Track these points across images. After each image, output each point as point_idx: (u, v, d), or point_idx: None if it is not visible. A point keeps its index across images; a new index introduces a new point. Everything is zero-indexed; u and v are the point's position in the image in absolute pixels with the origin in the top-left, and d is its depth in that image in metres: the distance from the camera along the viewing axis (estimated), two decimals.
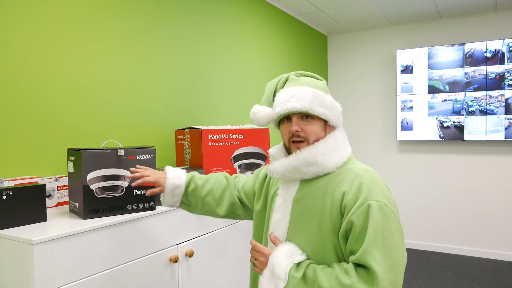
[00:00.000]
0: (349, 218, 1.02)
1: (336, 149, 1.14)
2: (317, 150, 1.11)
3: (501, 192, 4.02)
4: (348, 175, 1.10)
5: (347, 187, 1.06)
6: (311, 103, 1.12)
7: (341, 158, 1.14)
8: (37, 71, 1.74)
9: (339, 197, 1.06)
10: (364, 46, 4.65)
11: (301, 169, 1.11)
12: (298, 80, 1.18)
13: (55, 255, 1.24)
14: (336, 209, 1.06)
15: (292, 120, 1.14)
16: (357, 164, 1.14)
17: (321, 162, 1.10)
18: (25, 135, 1.69)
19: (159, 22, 2.37)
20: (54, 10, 1.81)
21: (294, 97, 1.12)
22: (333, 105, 1.17)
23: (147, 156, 1.62)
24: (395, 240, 1.02)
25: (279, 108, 1.15)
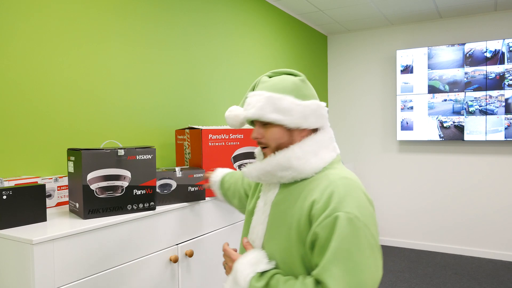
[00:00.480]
0: (314, 229, 0.96)
1: (315, 153, 1.07)
2: (292, 154, 1.05)
3: (501, 192, 4.02)
4: (322, 181, 1.03)
5: (318, 195, 1.00)
6: (262, 110, 1.08)
7: (320, 163, 1.07)
8: (37, 71, 1.74)
9: (308, 206, 1.00)
10: (364, 46, 4.65)
11: (276, 173, 1.07)
12: (265, 82, 1.14)
13: (55, 255, 1.24)
14: (304, 217, 1.00)
15: (256, 126, 1.14)
16: (337, 170, 1.06)
17: (296, 167, 1.05)
18: (25, 135, 1.69)
19: (159, 22, 2.37)
20: (54, 11, 1.81)
21: (249, 104, 1.12)
22: (290, 109, 1.07)
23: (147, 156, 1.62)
24: (364, 258, 0.91)
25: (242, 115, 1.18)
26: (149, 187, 1.60)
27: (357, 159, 4.73)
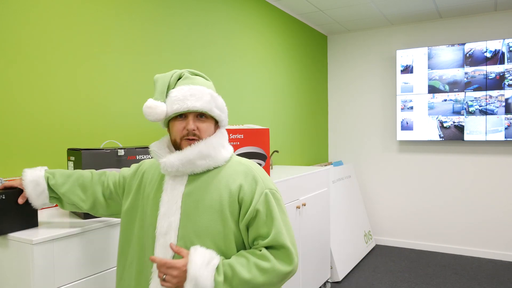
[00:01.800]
0: (254, 207, 1.12)
1: (223, 145, 1.21)
2: (210, 143, 1.15)
3: (501, 192, 4.02)
4: (238, 167, 1.19)
5: (242, 179, 1.16)
6: (210, 104, 1.17)
7: (228, 153, 1.21)
8: (37, 72, 1.74)
9: (236, 189, 1.14)
10: (364, 46, 4.65)
11: (195, 161, 1.13)
12: (192, 79, 1.21)
13: (55, 255, 1.24)
14: (233, 199, 1.13)
15: (189, 118, 1.16)
16: (241, 158, 1.24)
17: (213, 156, 1.15)
18: (25, 135, 1.69)
19: (159, 22, 2.37)
20: (55, 11, 1.81)
21: (193, 96, 1.15)
22: (224, 107, 1.23)
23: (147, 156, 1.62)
24: (288, 218, 1.19)
25: (178, 105, 1.15)
26: None
27: (357, 159, 4.73)
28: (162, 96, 1.18)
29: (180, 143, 1.17)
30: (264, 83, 3.48)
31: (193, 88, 1.16)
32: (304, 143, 4.22)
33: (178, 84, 1.19)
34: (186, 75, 1.22)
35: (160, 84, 1.20)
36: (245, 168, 1.18)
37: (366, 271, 3.73)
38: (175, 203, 1.14)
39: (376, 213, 4.63)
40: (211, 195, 1.14)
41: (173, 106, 1.15)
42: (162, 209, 1.15)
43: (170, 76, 1.21)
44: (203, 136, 1.16)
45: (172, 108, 1.15)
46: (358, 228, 4.16)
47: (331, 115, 4.88)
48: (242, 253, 1.11)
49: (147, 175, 1.27)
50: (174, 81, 1.21)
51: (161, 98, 1.18)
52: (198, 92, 1.16)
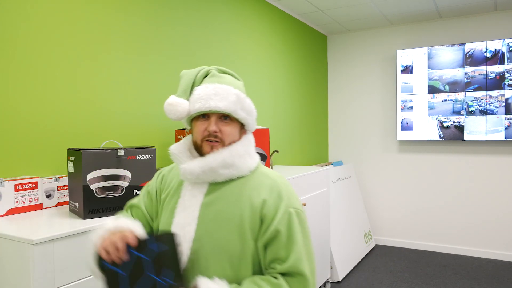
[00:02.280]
0: (275, 226, 1.02)
1: (249, 153, 1.11)
2: (236, 151, 1.06)
3: (501, 192, 4.02)
4: (264, 180, 1.09)
5: (267, 194, 1.06)
6: (235, 105, 1.07)
7: (253, 162, 1.11)
8: (37, 72, 1.74)
9: (259, 204, 1.04)
10: (364, 46, 4.65)
11: (218, 170, 1.05)
12: (220, 77, 1.11)
13: (55, 255, 1.24)
14: (255, 215, 1.04)
15: (211, 119, 1.07)
16: (268, 169, 1.14)
17: (238, 165, 1.07)
18: (25, 135, 1.69)
19: (159, 22, 2.37)
20: (55, 11, 1.81)
21: (217, 95, 1.06)
22: (252, 110, 1.14)
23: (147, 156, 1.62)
24: (311, 243, 1.09)
25: (200, 104, 1.06)
26: None
27: (357, 159, 4.73)
28: (185, 93, 1.10)
29: (201, 144, 1.09)
30: (264, 83, 3.48)
31: (218, 87, 1.07)
32: (304, 143, 4.22)
33: (204, 82, 1.10)
34: (213, 72, 1.12)
35: (184, 81, 1.12)
36: (271, 182, 1.08)
37: (366, 271, 3.73)
38: (192, 212, 1.06)
39: (376, 213, 4.63)
40: (232, 208, 1.05)
41: (195, 104, 1.07)
42: (178, 217, 1.07)
43: (197, 73, 1.12)
44: (225, 140, 1.07)
45: (194, 107, 1.07)
46: (358, 228, 4.16)
47: (331, 115, 4.88)
48: (255, 280, 1.00)
49: (166, 179, 1.20)
50: (200, 79, 1.12)
51: (184, 95, 1.10)
52: (223, 92, 1.06)
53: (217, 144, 1.07)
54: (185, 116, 1.09)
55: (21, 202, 1.56)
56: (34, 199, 1.61)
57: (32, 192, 1.60)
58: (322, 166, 3.73)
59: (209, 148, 1.07)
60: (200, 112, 1.07)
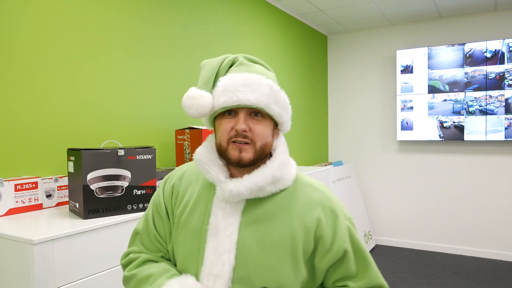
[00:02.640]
0: (341, 246, 0.90)
1: (289, 160, 0.95)
2: (283, 163, 0.91)
3: (501, 192, 4.02)
4: (311, 192, 0.94)
5: (320, 211, 0.91)
6: (268, 99, 0.88)
7: (294, 170, 0.95)
8: (37, 72, 1.74)
9: (313, 223, 0.90)
10: (364, 46, 4.65)
11: (265, 188, 0.89)
12: (249, 65, 0.92)
13: (55, 255, 1.24)
14: (309, 237, 0.89)
15: (239, 115, 0.88)
16: (307, 177, 1.00)
17: (284, 177, 0.91)
18: (25, 135, 1.69)
19: (159, 22, 2.37)
20: (55, 11, 1.81)
21: (247, 87, 0.87)
22: (287, 106, 0.95)
23: (147, 156, 1.62)
24: None
25: (226, 97, 0.87)
26: (149, 187, 1.60)
27: (357, 159, 4.73)
28: (207, 85, 0.91)
29: (226, 147, 0.89)
30: None
31: (248, 76, 0.88)
32: (304, 143, 4.22)
33: (230, 72, 0.92)
34: (240, 60, 0.94)
35: (206, 71, 0.93)
36: (320, 196, 0.94)
37: None
38: (230, 235, 0.88)
39: (376, 213, 4.63)
40: (281, 229, 0.88)
41: (220, 98, 0.88)
42: (211, 242, 0.88)
43: (221, 61, 0.93)
44: (257, 141, 0.88)
45: (219, 101, 0.88)
46: (358, 228, 4.17)
47: (331, 115, 4.88)
48: None
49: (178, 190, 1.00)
50: (226, 68, 0.93)
51: (206, 87, 0.91)
52: (253, 82, 0.87)
53: (247, 147, 0.88)
54: (209, 112, 0.90)
55: (21, 202, 1.56)
56: (34, 199, 1.61)
57: (32, 192, 1.60)
58: (322, 166, 3.73)
59: (236, 152, 0.88)
60: (227, 107, 0.88)
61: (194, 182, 0.99)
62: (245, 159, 0.88)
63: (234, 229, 0.88)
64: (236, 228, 0.88)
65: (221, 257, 0.87)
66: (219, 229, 0.88)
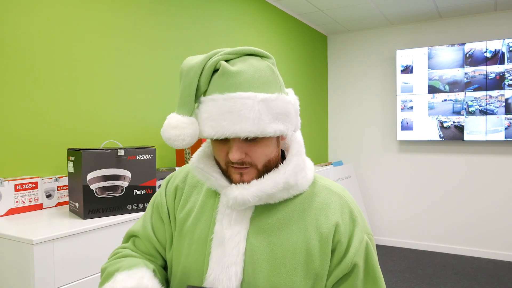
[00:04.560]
0: (352, 259, 0.79)
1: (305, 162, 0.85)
2: (298, 167, 0.81)
3: (501, 192, 4.02)
4: (330, 196, 0.83)
5: (338, 216, 0.80)
6: (260, 124, 0.74)
7: (311, 173, 0.85)
8: (37, 71, 1.74)
9: (330, 229, 0.79)
10: (364, 46, 4.65)
11: (276, 195, 0.79)
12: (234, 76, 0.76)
13: (55, 255, 1.24)
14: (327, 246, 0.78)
15: (232, 143, 0.77)
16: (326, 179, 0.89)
17: (300, 182, 0.81)
18: (25, 135, 1.69)
19: (159, 22, 2.37)
20: (55, 10, 1.81)
21: (233, 114, 0.73)
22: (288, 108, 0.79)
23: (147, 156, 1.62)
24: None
25: (210, 128, 0.76)
26: (149, 187, 1.60)
27: (357, 159, 4.73)
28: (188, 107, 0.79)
29: (226, 169, 0.81)
30: None
31: (233, 98, 0.74)
32: (304, 143, 4.21)
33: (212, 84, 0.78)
34: (223, 68, 0.76)
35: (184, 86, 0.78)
36: (339, 200, 0.83)
37: None
38: (236, 245, 0.78)
39: (376, 213, 4.63)
40: (294, 239, 0.78)
41: (204, 128, 0.77)
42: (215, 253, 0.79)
43: (200, 70, 0.77)
44: (258, 163, 0.79)
45: (203, 131, 0.77)
46: None
47: (331, 115, 4.88)
48: None
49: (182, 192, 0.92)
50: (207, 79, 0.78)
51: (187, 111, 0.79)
52: (240, 106, 0.73)
53: (247, 170, 0.79)
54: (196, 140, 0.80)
55: (21, 202, 1.56)
56: (34, 199, 1.61)
57: (32, 192, 1.60)
58: (322, 166, 3.73)
59: (237, 176, 0.79)
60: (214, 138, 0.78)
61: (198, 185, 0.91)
62: (248, 182, 0.80)
63: (241, 238, 0.79)
64: (244, 238, 0.79)
65: (227, 270, 0.78)
66: (225, 238, 0.79)
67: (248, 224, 0.80)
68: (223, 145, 0.79)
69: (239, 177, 0.79)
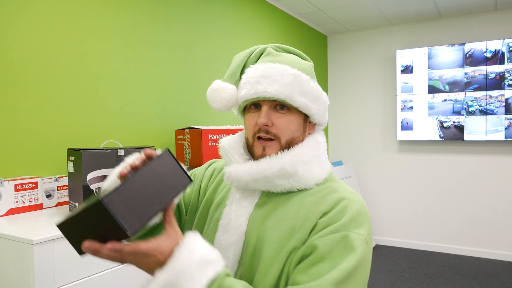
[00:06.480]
0: (313, 241, 0.74)
1: (318, 159, 0.85)
2: (300, 157, 0.82)
3: (501, 192, 4.02)
4: (331, 193, 0.81)
5: (329, 206, 0.78)
6: (291, 89, 0.82)
7: (323, 172, 0.85)
8: (37, 71, 1.74)
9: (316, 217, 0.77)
10: (364, 46, 4.65)
11: (274, 180, 0.81)
12: (277, 55, 0.88)
13: (55, 255, 1.24)
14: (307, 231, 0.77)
15: (262, 109, 0.84)
16: (342, 184, 0.87)
17: (301, 174, 0.81)
18: (25, 135, 1.69)
19: (159, 22, 2.37)
20: (54, 10, 1.81)
21: (268, 78, 0.82)
22: (319, 96, 0.87)
23: None
24: None
25: (246, 90, 0.84)
26: None
27: (357, 159, 4.73)
28: (232, 77, 0.89)
29: (252, 144, 0.86)
30: None
31: (271, 67, 0.83)
32: None
33: (258, 62, 0.89)
34: (268, 50, 0.90)
35: (234, 63, 0.91)
36: (340, 197, 0.80)
37: None
38: (239, 227, 0.83)
39: (376, 213, 4.63)
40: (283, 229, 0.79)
41: (241, 91, 0.86)
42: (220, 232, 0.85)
43: (250, 53, 0.91)
44: (281, 136, 0.83)
45: (240, 94, 0.86)
46: None
47: (331, 115, 4.88)
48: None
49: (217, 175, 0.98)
50: (254, 59, 0.90)
51: (231, 79, 0.89)
52: (275, 73, 0.82)
53: (270, 144, 0.83)
54: (232, 105, 0.88)
55: (21, 202, 1.56)
56: (34, 199, 1.61)
57: (32, 192, 1.60)
58: None
59: (260, 149, 0.84)
60: (247, 100, 0.85)
61: None
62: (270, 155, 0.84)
63: (243, 221, 0.83)
64: (246, 220, 0.83)
65: (227, 248, 0.83)
66: (231, 220, 0.85)
67: (252, 209, 0.84)
68: (254, 114, 0.85)
69: (261, 151, 0.84)
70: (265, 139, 0.84)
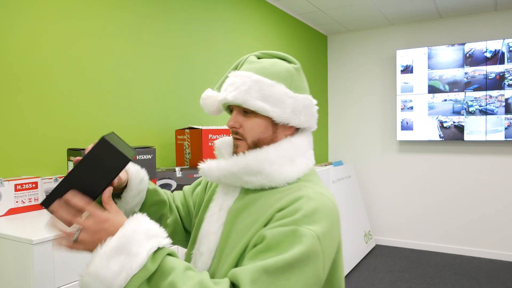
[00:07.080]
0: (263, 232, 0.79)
1: (292, 159, 0.90)
2: (266, 156, 0.87)
3: (501, 192, 4.02)
4: (294, 192, 0.85)
5: (286, 203, 0.82)
6: (246, 95, 0.88)
7: (295, 172, 0.89)
8: (37, 71, 1.74)
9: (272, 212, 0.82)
10: (364, 46, 4.65)
11: (242, 177, 0.88)
12: (252, 63, 0.95)
13: (55, 255, 1.24)
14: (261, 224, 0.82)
15: (233, 112, 0.94)
16: (314, 184, 0.89)
17: (268, 173, 0.86)
18: (25, 135, 1.69)
19: (159, 22, 2.37)
20: (54, 10, 1.81)
21: (231, 85, 0.92)
22: (284, 99, 0.90)
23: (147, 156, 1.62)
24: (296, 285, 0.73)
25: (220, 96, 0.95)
26: None
27: (357, 159, 4.73)
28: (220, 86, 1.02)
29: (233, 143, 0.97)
30: None
31: (238, 75, 0.92)
32: None
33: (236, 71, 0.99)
34: (249, 58, 0.98)
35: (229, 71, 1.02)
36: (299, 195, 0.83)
37: (366, 271, 3.73)
38: (220, 218, 0.93)
39: (376, 213, 4.63)
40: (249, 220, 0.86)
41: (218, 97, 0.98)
42: (205, 222, 0.96)
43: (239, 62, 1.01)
44: (247, 137, 0.91)
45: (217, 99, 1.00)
46: (358, 228, 4.16)
47: (331, 115, 4.88)
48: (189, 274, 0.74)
49: None
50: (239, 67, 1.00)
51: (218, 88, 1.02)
52: (237, 80, 0.91)
53: (240, 143, 0.93)
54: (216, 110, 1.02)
55: (21, 202, 1.56)
56: (34, 199, 1.61)
57: (32, 192, 1.60)
58: (322, 166, 3.73)
59: (235, 148, 0.95)
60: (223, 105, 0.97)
61: None
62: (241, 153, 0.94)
63: (223, 214, 0.93)
64: (225, 213, 0.93)
65: (208, 237, 0.93)
66: (214, 212, 0.96)
67: (231, 203, 0.93)
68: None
69: (235, 149, 0.95)
70: (236, 139, 0.94)
